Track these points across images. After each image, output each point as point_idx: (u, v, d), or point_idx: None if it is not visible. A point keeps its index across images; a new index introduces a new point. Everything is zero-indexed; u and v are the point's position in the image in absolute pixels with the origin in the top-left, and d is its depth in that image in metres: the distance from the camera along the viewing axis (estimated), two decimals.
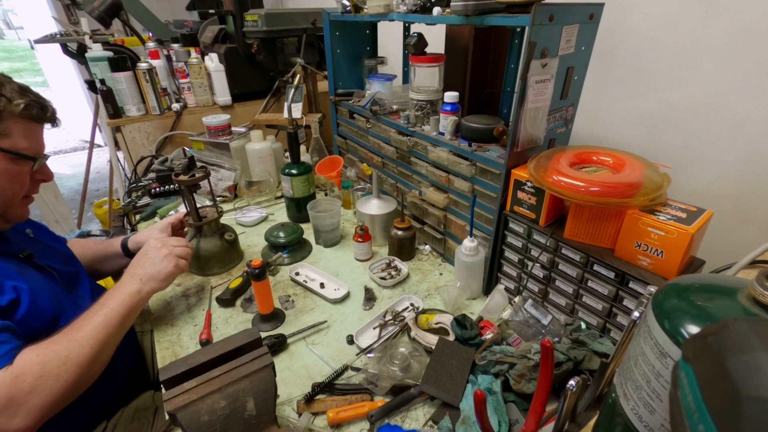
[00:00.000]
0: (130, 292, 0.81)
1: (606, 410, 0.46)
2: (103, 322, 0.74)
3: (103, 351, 0.72)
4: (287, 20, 1.61)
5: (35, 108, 0.75)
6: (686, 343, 0.33)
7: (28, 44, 4.77)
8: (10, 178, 0.74)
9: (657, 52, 0.99)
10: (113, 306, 0.77)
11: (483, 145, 0.93)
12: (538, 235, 0.85)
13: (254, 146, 1.47)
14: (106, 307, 0.76)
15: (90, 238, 1.74)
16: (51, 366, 0.65)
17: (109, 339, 0.74)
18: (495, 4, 0.80)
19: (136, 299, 0.81)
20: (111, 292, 0.80)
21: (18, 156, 0.74)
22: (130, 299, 0.80)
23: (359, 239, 1.12)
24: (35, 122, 0.77)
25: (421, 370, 0.76)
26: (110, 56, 1.64)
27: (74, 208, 3.35)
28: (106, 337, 0.73)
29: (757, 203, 0.91)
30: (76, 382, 0.67)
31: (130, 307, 0.79)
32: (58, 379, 0.65)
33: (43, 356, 0.65)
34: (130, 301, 0.80)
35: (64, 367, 0.66)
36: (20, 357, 0.64)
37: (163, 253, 0.87)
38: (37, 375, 0.63)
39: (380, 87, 1.27)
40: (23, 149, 0.74)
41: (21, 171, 0.76)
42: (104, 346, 0.73)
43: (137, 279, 0.83)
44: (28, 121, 0.74)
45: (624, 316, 0.75)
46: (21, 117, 0.73)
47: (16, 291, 0.72)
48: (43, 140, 0.80)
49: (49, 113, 0.78)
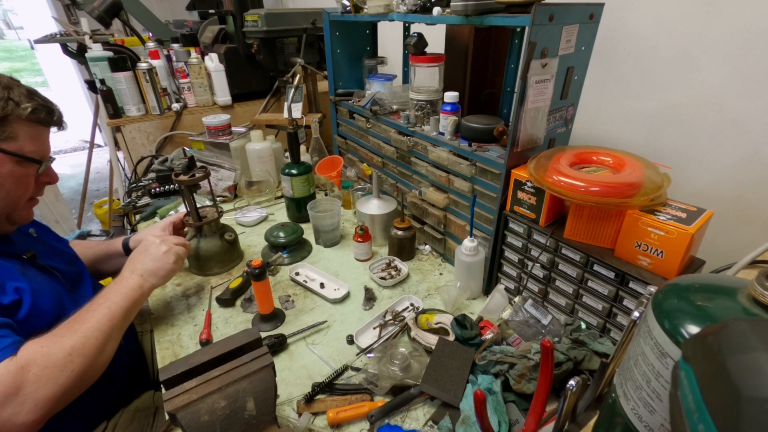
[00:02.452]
0: (132, 287, 0.81)
1: (606, 410, 0.46)
2: (107, 314, 0.74)
3: (107, 343, 0.72)
4: (287, 20, 1.61)
5: (42, 112, 0.75)
6: (686, 343, 0.33)
7: (28, 44, 4.76)
8: (16, 180, 0.74)
9: (657, 52, 0.99)
10: (116, 299, 0.77)
11: (483, 145, 0.93)
12: (538, 235, 0.85)
13: (254, 146, 1.47)
14: (108, 301, 0.76)
15: (90, 238, 1.74)
16: (56, 357, 0.64)
17: (113, 332, 0.74)
18: (495, 4, 0.80)
19: (138, 294, 0.81)
20: (112, 286, 0.80)
21: (24, 159, 0.74)
22: (132, 293, 0.80)
23: (359, 239, 1.12)
24: (42, 126, 0.77)
25: (421, 370, 0.76)
26: (110, 56, 1.64)
27: (74, 208, 3.35)
28: (110, 330, 0.73)
29: (757, 203, 0.91)
30: (81, 373, 0.67)
31: (132, 301, 0.79)
32: (64, 370, 0.65)
33: (48, 347, 0.65)
34: (133, 295, 0.80)
35: (70, 358, 0.66)
36: (24, 349, 0.64)
37: (163, 249, 0.88)
38: (42, 365, 0.63)
39: (380, 87, 1.27)
40: (29, 152, 0.75)
41: (27, 174, 0.76)
42: (108, 338, 0.73)
43: (138, 274, 0.84)
44: (34, 124, 0.75)
45: (624, 316, 0.75)
46: (28, 120, 0.73)
47: (18, 292, 0.72)
48: (49, 143, 0.81)
49: (55, 117, 0.79)
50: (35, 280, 0.77)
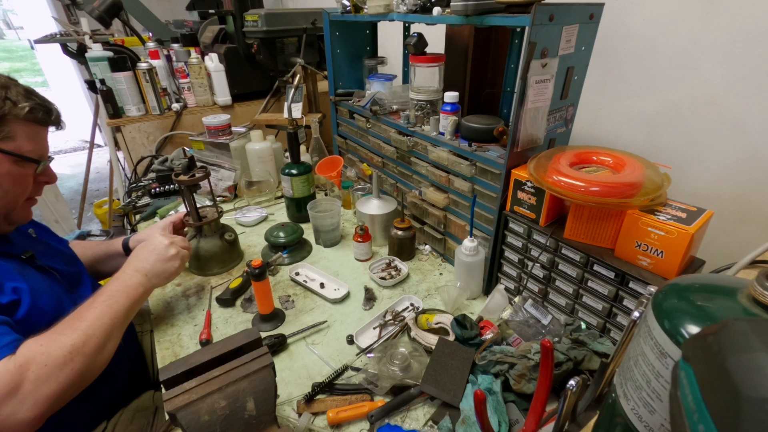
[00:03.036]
0: (135, 285, 0.80)
1: (606, 410, 0.46)
2: (108, 313, 0.74)
3: (108, 342, 0.72)
4: (287, 20, 1.61)
5: (40, 111, 0.75)
6: (686, 343, 0.32)
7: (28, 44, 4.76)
8: (14, 180, 0.74)
9: (657, 52, 0.99)
10: (117, 297, 0.77)
11: (483, 145, 0.93)
12: (538, 235, 0.85)
13: (254, 146, 1.47)
14: (110, 299, 0.76)
15: (90, 238, 1.74)
16: (56, 355, 0.64)
17: (114, 330, 0.73)
18: (495, 4, 0.80)
19: (140, 292, 0.81)
20: (114, 283, 0.80)
21: (22, 159, 0.74)
22: (134, 292, 0.79)
23: (359, 239, 1.12)
24: (40, 125, 0.77)
25: (421, 370, 0.76)
26: (110, 56, 1.64)
27: (74, 208, 3.35)
28: (110, 328, 0.73)
29: (757, 203, 0.91)
30: (81, 371, 0.67)
31: (134, 300, 0.79)
32: (64, 368, 0.64)
33: (47, 345, 0.65)
34: (135, 293, 0.79)
35: (69, 356, 0.65)
36: (23, 347, 0.64)
37: (172, 252, 0.88)
38: (41, 363, 0.63)
39: (380, 87, 1.27)
40: (27, 152, 0.75)
41: (25, 173, 0.76)
42: (109, 336, 0.72)
43: (142, 274, 0.83)
44: (32, 124, 0.75)
45: (624, 316, 0.75)
46: (25, 120, 0.73)
47: (16, 292, 0.72)
48: (48, 143, 0.80)
49: (53, 116, 0.78)
50: (34, 280, 0.77)
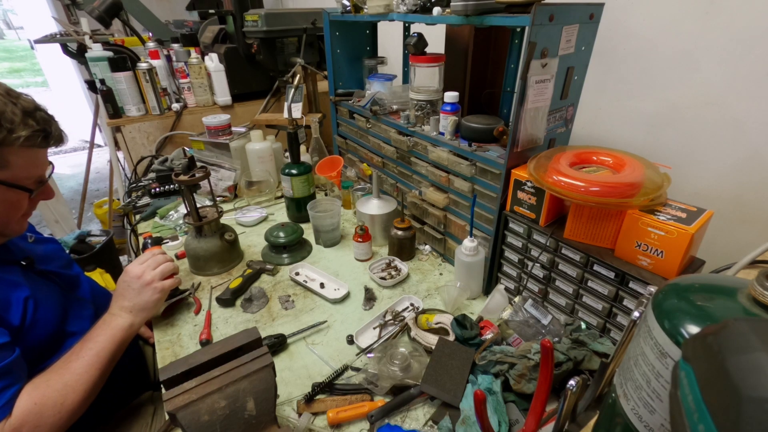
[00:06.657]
0: (122, 327, 0.80)
1: (606, 410, 0.46)
2: (95, 363, 0.74)
3: (95, 387, 0.74)
4: (287, 20, 1.61)
5: (38, 137, 0.70)
6: (686, 343, 0.33)
7: (28, 44, 4.76)
8: (8, 206, 0.73)
9: (657, 53, 0.99)
10: (104, 344, 0.77)
11: (483, 145, 0.93)
12: (538, 235, 0.85)
13: (254, 146, 1.47)
14: (97, 345, 0.76)
15: (90, 238, 1.74)
16: (48, 413, 0.67)
17: (101, 374, 0.75)
18: (495, 4, 0.80)
19: (129, 333, 0.81)
20: (101, 326, 0.80)
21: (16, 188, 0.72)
22: (121, 334, 0.80)
23: (359, 239, 1.12)
24: (37, 148, 0.73)
25: (421, 370, 0.76)
26: (110, 56, 1.64)
27: (74, 208, 3.35)
28: (98, 376, 0.74)
29: (757, 203, 0.91)
30: (70, 418, 0.71)
31: (121, 341, 0.79)
32: (54, 425, 0.68)
33: (40, 404, 0.67)
34: (122, 335, 0.80)
35: (60, 410, 0.69)
36: (17, 407, 0.66)
37: (144, 282, 0.85)
38: (34, 424, 0.66)
39: (380, 87, 1.27)
40: (22, 179, 0.72)
41: (19, 198, 0.74)
42: (96, 383, 0.74)
43: (127, 311, 0.83)
44: (29, 149, 0.71)
45: (624, 316, 0.75)
46: (22, 147, 0.69)
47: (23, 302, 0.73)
48: (46, 161, 0.77)
49: (53, 140, 0.74)
50: (36, 287, 0.77)
